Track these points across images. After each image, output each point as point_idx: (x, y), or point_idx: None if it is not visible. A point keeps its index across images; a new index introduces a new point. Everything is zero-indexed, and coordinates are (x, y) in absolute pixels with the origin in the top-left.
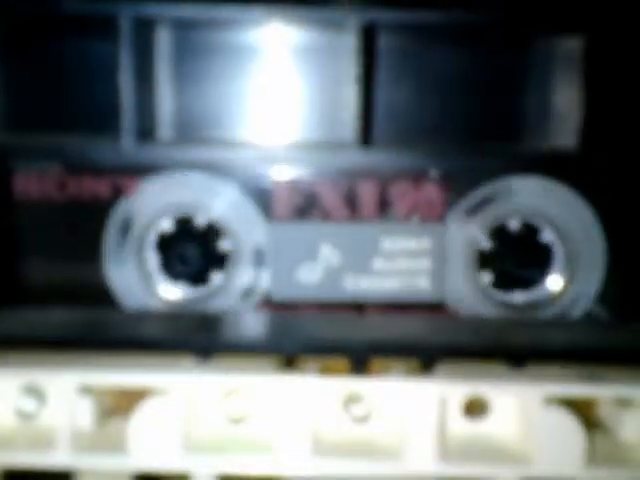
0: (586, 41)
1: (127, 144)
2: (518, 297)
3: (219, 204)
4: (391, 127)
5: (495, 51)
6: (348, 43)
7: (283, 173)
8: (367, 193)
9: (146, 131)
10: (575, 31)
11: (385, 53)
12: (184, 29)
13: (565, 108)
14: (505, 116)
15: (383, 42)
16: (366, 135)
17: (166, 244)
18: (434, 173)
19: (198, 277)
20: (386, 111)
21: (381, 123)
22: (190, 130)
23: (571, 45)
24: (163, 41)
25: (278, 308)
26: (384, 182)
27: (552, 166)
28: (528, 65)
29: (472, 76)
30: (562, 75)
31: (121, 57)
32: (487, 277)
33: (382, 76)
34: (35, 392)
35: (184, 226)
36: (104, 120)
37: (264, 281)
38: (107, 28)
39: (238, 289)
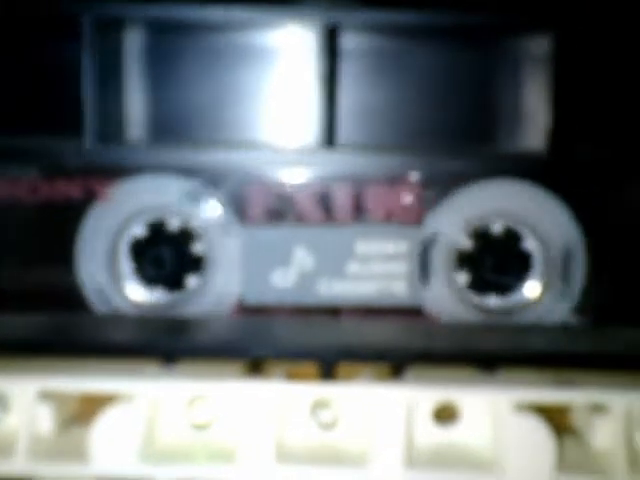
0: (554, 41)
1: (90, 146)
2: (495, 301)
3: (192, 207)
4: (362, 129)
5: (464, 52)
6: (312, 43)
7: (258, 176)
8: (341, 196)
9: (112, 133)
10: (543, 31)
11: (353, 54)
12: (155, 30)
13: (535, 109)
14: (477, 117)
15: (350, 42)
16: (332, 137)
17: (139, 248)
18: (411, 175)
19: (172, 282)
20: (358, 113)
21: (354, 125)
22: (161, 132)
23: (539, 45)
24: (133, 42)
25: (252, 313)
26: (358, 185)
27: (524, 168)
28: (497, 66)
29: (440, 77)
30: (531, 76)
31: (83, 58)
32: (465, 281)
33: (350, 77)
34: None
35: (157, 230)
36: (69, 122)
37: (238, 285)
38: (71, 28)
39: (212, 293)
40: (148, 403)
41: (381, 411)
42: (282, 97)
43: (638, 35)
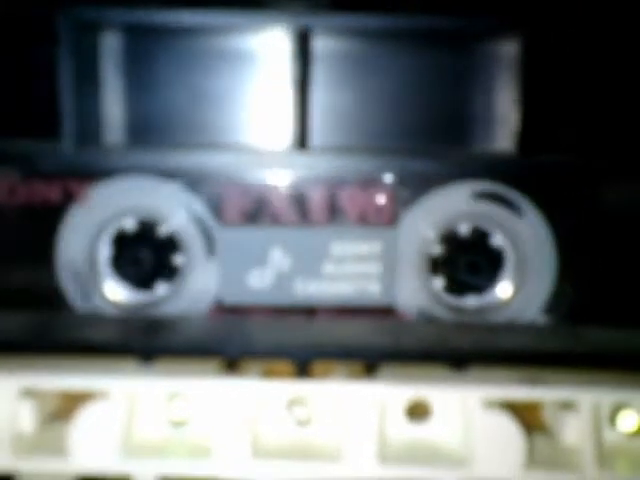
0: (523, 44)
1: (67, 149)
2: (468, 301)
3: (169, 209)
4: (336, 131)
5: (435, 55)
6: (285, 47)
7: (234, 178)
8: (316, 198)
9: (90, 136)
10: (513, 34)
11: (326, 57)
12: (132, 33)
13: (506, 112)
14: (449, 120)
15: (323, 46)
16: (304, 140)
17: (118, 248)
18: (385, 177)
19: (150, 282)
20: (332, 115)
21: (327, 127)
22: (140, 135)
23: (509, 48)
24: (110, 45)
25: (229, 313)
26: (333, 187)
27: (495, 170)
28: (469, 68)
29: (412, 80)
30: (502, 79)
31: (60, 61)
32: (438, 281)
33: (324, 80)
34: None
35: (135, 231)
36: (47, 125)
37: (215, 286)
38: (48, 31)
39: (190, 294)
40: (126, 400)
41: (355, 408)
42: (257, 100)
43: (606, 38)
